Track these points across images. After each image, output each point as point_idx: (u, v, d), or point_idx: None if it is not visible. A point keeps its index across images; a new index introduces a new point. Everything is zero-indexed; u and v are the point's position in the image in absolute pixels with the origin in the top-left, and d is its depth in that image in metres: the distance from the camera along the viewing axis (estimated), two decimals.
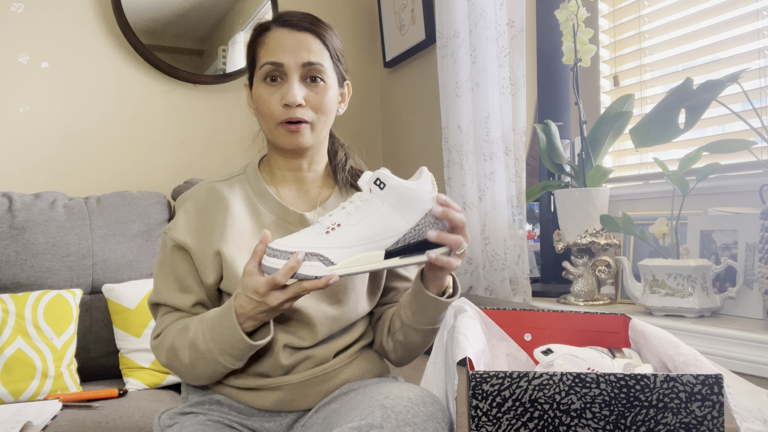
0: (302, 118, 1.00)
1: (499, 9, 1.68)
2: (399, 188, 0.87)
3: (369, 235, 0.86)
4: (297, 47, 1.00)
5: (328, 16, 2.55)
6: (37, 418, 1.35)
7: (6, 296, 1.60)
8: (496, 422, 0.69)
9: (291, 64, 1.00)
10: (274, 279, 0.85)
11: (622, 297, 1.54)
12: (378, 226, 0.87)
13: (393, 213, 0.87)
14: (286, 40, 1.01)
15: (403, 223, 0.87)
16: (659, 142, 1.28)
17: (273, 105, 1.00)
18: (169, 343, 0.98)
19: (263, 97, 1.01)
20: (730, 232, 1.32)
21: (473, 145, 1.79)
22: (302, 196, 1.10)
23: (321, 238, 0.86)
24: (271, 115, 1.01)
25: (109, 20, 2.18)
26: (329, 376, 1.01)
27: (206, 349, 0.93)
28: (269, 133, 1.04)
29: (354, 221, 0.87)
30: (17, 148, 2.05)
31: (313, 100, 1.01)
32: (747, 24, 1.38)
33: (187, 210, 1.04)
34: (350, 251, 0.86)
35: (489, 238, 1.74)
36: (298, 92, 0.99)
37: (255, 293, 0.87)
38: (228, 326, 0.91)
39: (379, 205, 0.87)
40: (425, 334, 1.03)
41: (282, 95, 1.00)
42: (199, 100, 2.32)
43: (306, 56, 1.00)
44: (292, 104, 0.99)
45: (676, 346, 0.76)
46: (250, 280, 0.87)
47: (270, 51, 1.01)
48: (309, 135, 1.03)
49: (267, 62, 1.00)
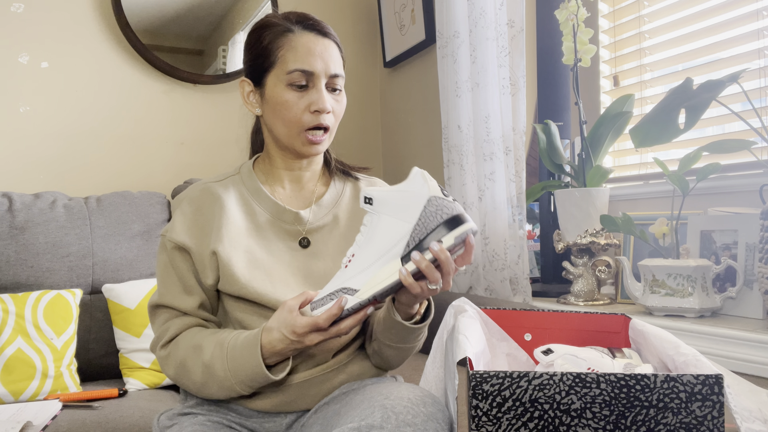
0: (327, 124, 1.02)
1: (499, 9, 1.68)
2: (386, 195, 0.87)
3: (380, 250, 0.86)
4: (326, 55, 1.01)
5: (328, 16, 2.55)
6: (37, 418, 1.35)
7: (6, 296, 1.60)
8: (496, 422, 0.69)
9: (321, 72, 1.00)
10: (316, 322, 0.85)
11: (622, 297, 1.54)
12: (384, 238, 0.86)
13: (392, 220, 0.86)
14: (316, 46, 1.00)
15: (405, 224, 0.86)
16: (659, 142, 1.28)
17: (300, 111, 1.00)
18: (180, 359, 0.97)
19: (290, 103, 1.00)
20: (730, 232, 1.32)
21: (473, 145, 1.79)
22: (297, 194, 1.09)
23: (342, 274, 0.87)
24: (297, 121, 1.00)
25: (109, 20, 2.18)
26: (328, 376, 1.01)
27: (224, 376, 0.93)
28: (287, 138, 1.03)
29: (364, 245, 0.87)
30: (17, 148, 2.05)
31: (335, 108, 1.03)
32: (747, 24, 1.38)
33: (184, 211, 1.04)
34: (368, 273, 0.86)
35: (489, 238, 1.74)
36: (328, 99, 1.01)
37: (292, 333, 0.87)
38: (252, 363, 0.91)
39: (378, 219, 0.87)
40: (398, 350, 1.02)
41: (311, 101, 1.00)
42: (199, 100, 2.32)
43: (334, 67, 1.01)
44: (324, 111, 1.00)
45: (676, 346, 0.76)
46: (290, 317, 0.87)
47: (300, 57, 0.99)
48: (327, 141, 1.05)
49: (298, 69, 0.99)
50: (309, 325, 0.86)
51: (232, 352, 0.93)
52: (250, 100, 1.06)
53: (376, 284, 0.85)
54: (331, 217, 1.08)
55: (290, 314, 0.88)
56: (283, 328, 0.88)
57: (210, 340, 0.96)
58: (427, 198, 0.85)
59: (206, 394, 0.97)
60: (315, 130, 1.01)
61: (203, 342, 0.96)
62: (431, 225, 0.84)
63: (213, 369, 0.94)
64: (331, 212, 1.09)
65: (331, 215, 1.08)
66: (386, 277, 0.84)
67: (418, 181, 0.87)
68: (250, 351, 0.91)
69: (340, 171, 1.15)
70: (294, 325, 0.87)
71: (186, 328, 1.00)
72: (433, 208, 0.85)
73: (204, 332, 0.99)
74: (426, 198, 0.85)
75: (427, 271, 0.84)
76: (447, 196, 0.86)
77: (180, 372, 0.97)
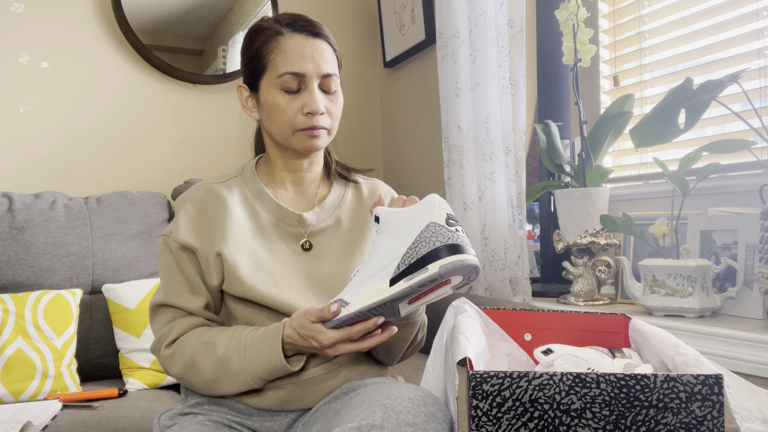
0: (323, 125, 1.02)
1: (499, 9, 1.68)
2: (392, 216, 0.88)
3: (375, 268, 0.87)
4: (317, 56, 1.00)
5: (328, 16, 2.55)
6: (37, 418, 1.35)
7: (6, 296, 1.60)
8: (496, 422, 0.69)
9: (312, 73, 1.00)
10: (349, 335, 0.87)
11: (622, 297, 1.54)
12: (381, 257, 0.87)
13: (391, 241, 0.87)
14: (305, 48, 1.00)
15: (401, 247, 0.86)
16: (659, 142, 1.28)
17: (292, 114, 1.00)
18: (188, 356, 0.97)
19: (282, 106, 1.00)
20: (730, 232, 1.32)
21: (473, 145, 1.79)
22: (300, 197, 1.10)
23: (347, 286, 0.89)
24: (290, 123, 1.01)
25: (109, 20, 2.18)
26: (330, 375, 1.01)
27: (239, 369, 0.94)
28: (283, 139, 1.03)
29: (367, 262, 0.88)
30: (17, 148, 2.05)
31: (331, 108, 1.03)
32: (747, 24, 1.38)
33: (188, 211, 1.04)
34: (359, 288, 0.87)
35: (489, 238, 1.74)
36: (321, 101, 1.00)
37: (316, 341, 0.89)
38: (272, 354, 0.93)
39: (381, 238, 0.88)
40: (401, 328, 1.02)
41: (303, 104, 1.00)
42: (199, 100, 2.32)
43: (325, 67, 1.01)
44: (317, 112, 1.00)
45: (676, 346, 0.76)
46: (315, 328, 0.88)
47: (290, 60, 0.99)
48: (326, 139, 1.05)
49: (288, 72, 0.99)
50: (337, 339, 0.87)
51: (250, 345, 0.94)
52: (249, 105, 1.07)
53: (362, 300, 0.85)
54: (333, 219, 1.08)
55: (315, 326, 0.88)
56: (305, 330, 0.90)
57: (223, 336, 0.97)
58: (426, 223, 0.85)
59: (214, 390, 0.97)
60: (310, 130, 1.01)
61: (215, 338, 0.97)
62: (422, 251, 0.83)
63: (228, 362, 0.94)
64: (333, 214, 1.09)
65: (334, 217, 1.09)
66: (373, 295, 0.85)
67: (425, 207, 0.87)
68: (270, 343, 0.93)
69: (338, 175, 1.15)
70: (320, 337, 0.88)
71: (191, 327, 1.00)
72: (429, 234, 0.84)
73: (213, 329, 0.99)
74: (425, 223, 0.85)
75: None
76: (452, 225, 0.85)
77: (187, 369, 0.97)
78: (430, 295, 0.87)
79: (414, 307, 0.89)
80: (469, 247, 0.84)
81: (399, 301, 0.85)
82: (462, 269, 0.83)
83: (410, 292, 0.83)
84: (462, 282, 0.88)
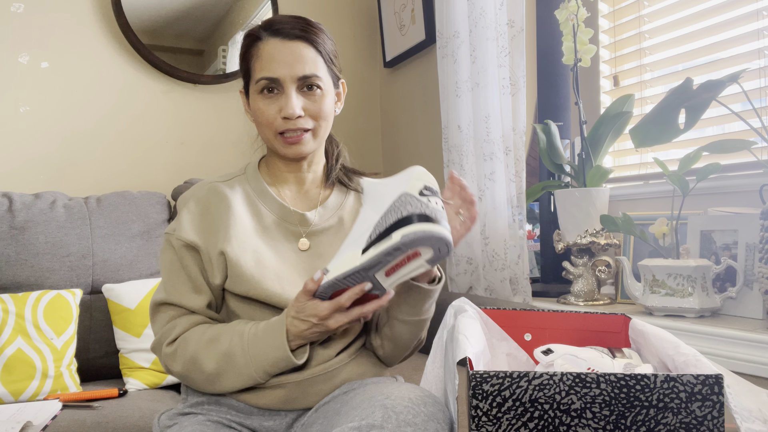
0: (303, 127, 1.02)
1: (499, 9, 1.68)
2: (372, 187, 0.89)
3: (353, 237, 0.87)
4: (291, 59, 1.00)
5: (328, 16, 2.55)
6: (37, 418, 1.35)
7: (6, 296, 1.60)
8: (496, 422, 0.69)
9: (286, 77, 1.00)
10: (339, 302, 0.88)
11: (622, 297, 1.54)
12: (358, 226, 0.88)
13: (368, 210, 0.88)
14: (279, 52, 1.00)
15: (375, 216, 0.86)
16: (659, 142, 1.28)
17: (271, 117, 1.01)
18: (190, 354, 0.97)
19: (261, 110, 1.02)
20: (730, 232, 1.32)
21: (473, 145, 1.79)
22: (303, 196, 1.10)
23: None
24: (270, 126, 1.02)
25: (109, 20, 2.18)
26: (330, 375, 1.01)
27: (244, 363, 0.94)
28: (269, 142, 1.05)
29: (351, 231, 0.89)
30: (17, 148, 2.05)
31: (312, 108, 1.02)
32: (747, 24, 1.38)
33: (191, 210, 1.04)
34: (338, 257, 0.87)
35: (489, 238, 1.74)
36: (296, 104, 1.00)
37: (314, 316, 0.90)
38: (276, 345, 0.93)
39: (362, 209, 0.89)
40: (412, 326, 1.03)
41: (280, 107, 1.00)
42: (199, 100, 2.32)
43: (301, 69, 1.00)
44: (291, 117, 1.00)
45: (676, 346, 0.76)
46: (310, 304, 0.90)
47: (264, 65, 1.00)
48: (311, 142, 1.04)
49: (262, 77, 1.00)
50: (332, 307, 0.88)
51: (254, 338, 0.94)
52: (247, 110, 1.10)
53: (337, 268, 0.86)
54: (336, 219, 1.09)
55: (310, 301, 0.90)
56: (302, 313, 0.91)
57: (226, 331, 0.97)
58: (399, 193, 0.85)
59: (217, 387, 0.97)
60: (288, 137, 1.02)
61: (218, 334, 0.97)
62: (390, 220, 0.82)
63: (232, 357, 0.94)
64: (336, 214, 1.09)
65: (336, 217, 1.09)
66: (348, 263, 0.85)
67: (403, 177, 0.88)
68: (274, 335, 0.93)
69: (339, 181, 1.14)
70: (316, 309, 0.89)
71: (193, 325, 1.00)
72: (399, 203, 0.83)
73: (216, 326, 0.99)
74: (399, 193, 0.85)
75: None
76: (425, 196, 0.83)
77: (189, 367, 0.97)
78: (404, 268, 0.85)
79: (394, 280, 0.87)
80: (441, 219, 0.82)
81: (372, 270, 0.84)
82: (426, 240, 0.80)
83: (378, 261, 0.82)
84: (434, 256, 0.84)
